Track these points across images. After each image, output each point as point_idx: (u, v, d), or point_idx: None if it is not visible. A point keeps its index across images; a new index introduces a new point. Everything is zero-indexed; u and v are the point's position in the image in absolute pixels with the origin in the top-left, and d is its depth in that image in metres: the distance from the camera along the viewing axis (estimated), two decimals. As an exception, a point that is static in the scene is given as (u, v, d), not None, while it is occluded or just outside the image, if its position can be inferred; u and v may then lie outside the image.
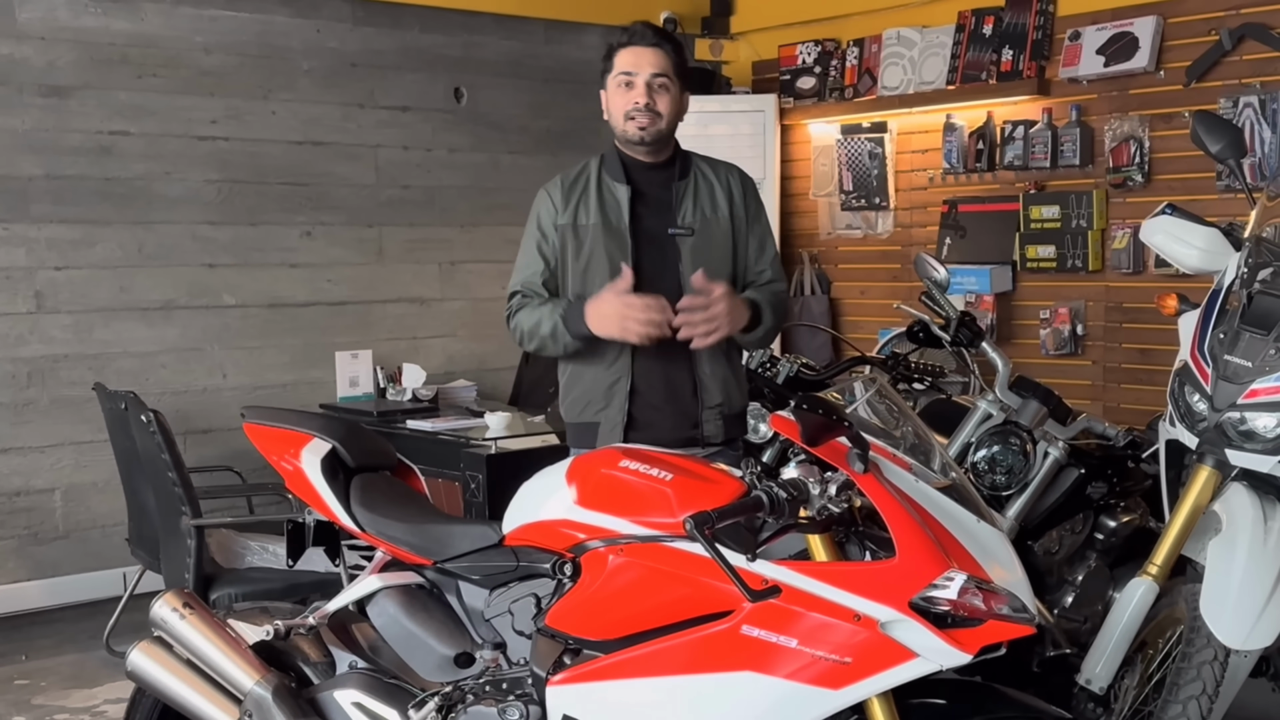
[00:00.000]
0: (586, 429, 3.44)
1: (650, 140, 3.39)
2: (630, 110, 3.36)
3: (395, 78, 6.34)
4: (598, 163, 3.50)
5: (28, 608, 5.41)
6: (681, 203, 3.43)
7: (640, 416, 3.39)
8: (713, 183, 3.48)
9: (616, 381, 3.38)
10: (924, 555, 2.28)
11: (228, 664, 3.01)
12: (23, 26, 5.34)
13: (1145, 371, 5.61)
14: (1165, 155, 5.54)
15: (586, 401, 3.44)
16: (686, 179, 3.46)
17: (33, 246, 5.39)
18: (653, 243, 3.41)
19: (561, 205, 3.45)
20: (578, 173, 3.51)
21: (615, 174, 3.45)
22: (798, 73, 6.97)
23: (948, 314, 4.15)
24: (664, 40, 3.42)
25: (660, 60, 3.38)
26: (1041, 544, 3.88)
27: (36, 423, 5.43)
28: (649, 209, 3.43)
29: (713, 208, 3.45)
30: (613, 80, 3.42)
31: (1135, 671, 3.32)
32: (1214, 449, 3.22)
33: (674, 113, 3.42)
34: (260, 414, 3.37)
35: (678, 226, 3.41)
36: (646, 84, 3.36)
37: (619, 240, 3.39)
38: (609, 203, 3.43)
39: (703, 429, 3.42)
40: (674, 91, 3.40)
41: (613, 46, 3.45)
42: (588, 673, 2.51)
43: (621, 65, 3.39)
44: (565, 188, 3.47)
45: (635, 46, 3.39)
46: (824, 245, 7.00)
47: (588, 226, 3.41)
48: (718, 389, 3.43)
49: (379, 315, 6.35)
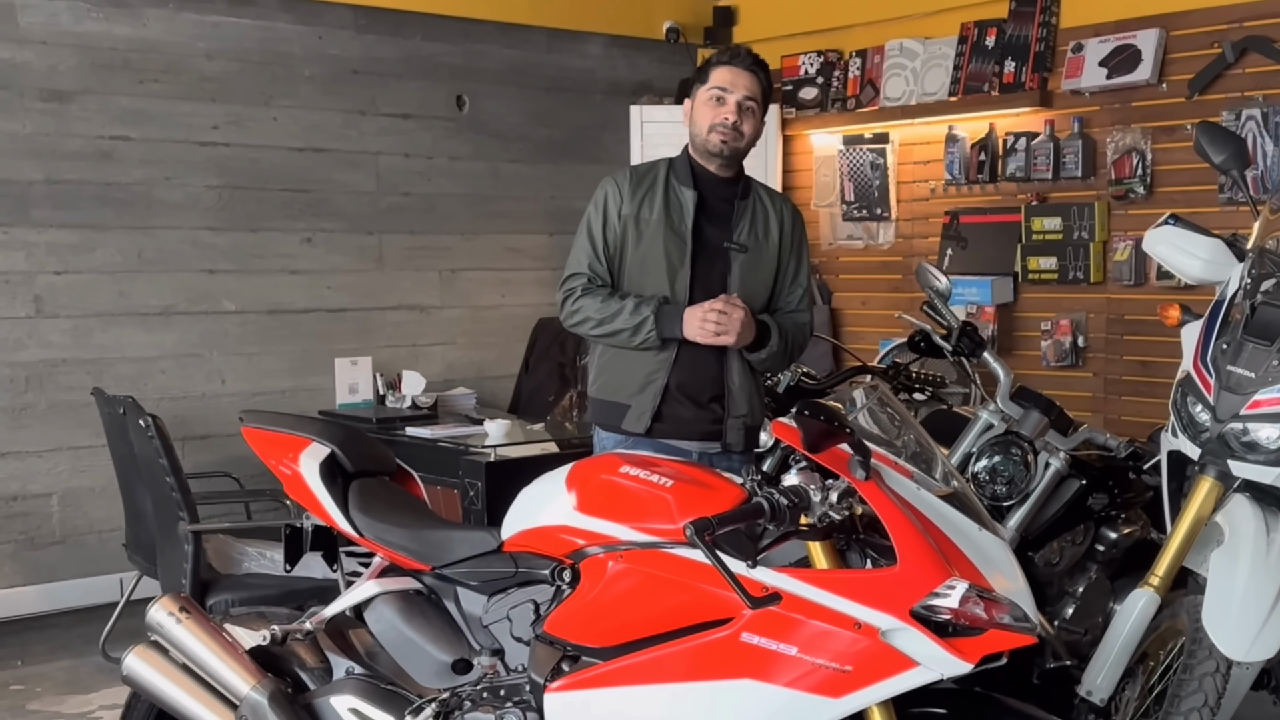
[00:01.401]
0: (615, 409, 3.62)
1: (728, 155, 3.57)
2: (718, 124, 3.53)
3: (397, 85, 6.34)
4: (667, 165, 3.67)
5: (23, 613, 5.40)
6: (740, 221, 3.62)
7: (667, 410, 3.58)
8: (769, 209, 3.67)
9: (654, 373, 3.57)
10: (925, 563, 2.27)
11: (224, 669, 2.99)
12: (25, 31, 5.34)
13: (1146, 384, 5.60)
14: (1167, 167, 5.54)
15: (621, 384, 3.62)
16: (747, 199, 3.65)
17: (32, 251, 5.38)
18: (709, 251, 3.59)
19: (629, 195, 3.61)
20: (647, 169, 3.69)
21: (684, 179, 3.61)
22: (800, 83, 6.97)
23: (949, 323, 4.13)
24: (759, 67, 3.59)
25: (754, 85, 3.56)
26: (1042, 555, 3.86)
27: (34, 427, 5.42)
28: (709, 219, 3.60)
29: (765, 232, 3.64)
30: (704, 92, 3.58)
31: (1136, 683, 3.30)
32: (1216, 460, 3.20)
33: (754, 135, 3.60)
34: (259, 418, 3.35)
35: (733, 242, 3.59)
36: (738, 103, 3.53)
37: (679, 242, 3.57)
38: (674, 204, 3.59)
39: (726, 436, 3.61)
40: (758, 116, 3.60)
41: (710, 62, 3.63)
42: (586, 680, 2.49)
43: (717, 80, 3.56)
44: (634, 181, 3.63)
45: (734, 66, 3.56)
46: (825, 255, 7.00)
47: (650, 221, 3.58)
48: (744, 400, 3.62)
49: (379, 322, 6.34)
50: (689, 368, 3.56)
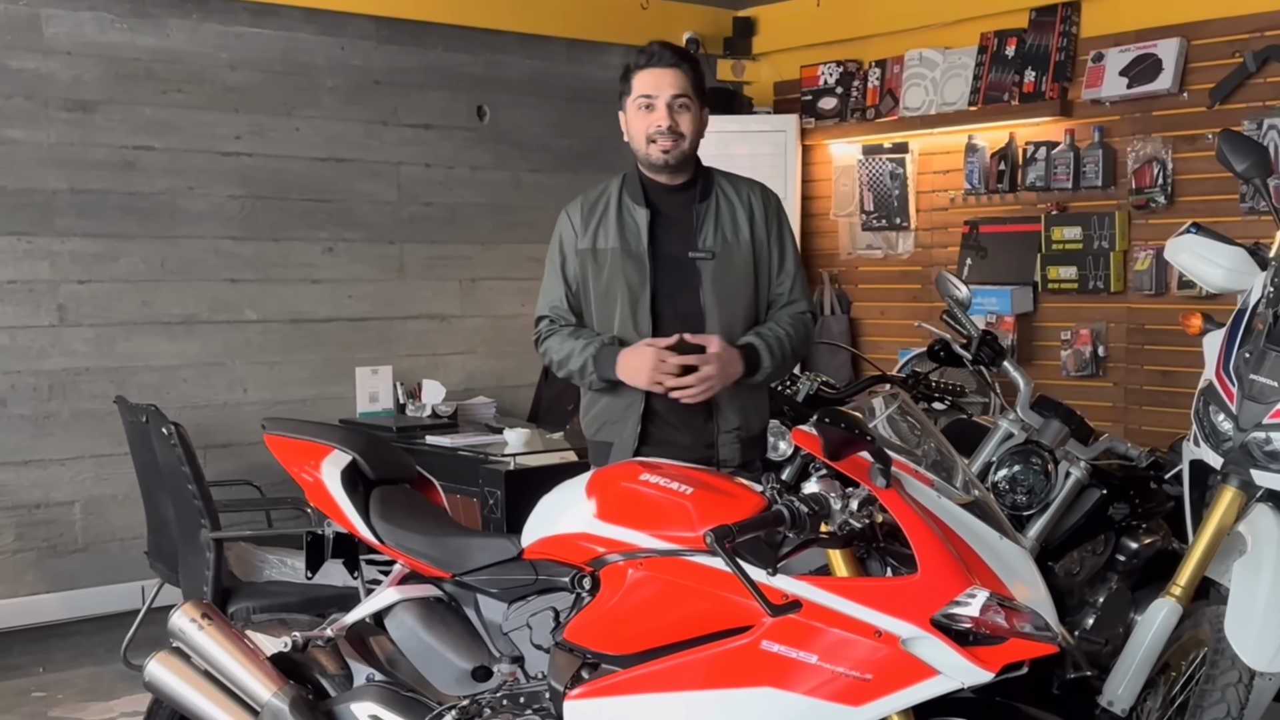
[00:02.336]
0: (601, 448, 3.45)
1: (674, 163, 3.36)
2: (652, 133, 3.32)
3: (418, 95, 6.37)
4: (618, 184, 3.47)
5: (46, 620, 5.41)
6: (703, 226, 3.39)
7: (656, 434, 3.38)
8: (734, 203, 3.43)
9: (632, 404, 3.37)
10: (946, 571, 2.26)
11: (245, 675, 3.01)
12: (49, 41, 5.38)
13: (1167, 393, 5.58)
14: (1188, 177, 5.52)
15: (603, 421, 3.44)
16: (708, 200, 3.42)
17: (56, 260, 5.42)
18: (673, 266, 3.38)
19: (581, 229, 3.43)
20: (598, 195, 3.48)
21: (635, 196, 3.41)
22: (819, 93, 6.97)
23: (969, 333, 4.13)
24: (683, 60, 3.38)
25: (680, 80, 3.34)
26: (1062, 565, 3.85)
27: (57, 435, 5.44)
28: (669, 232, 3.40)
29: (734, 230, 3.41)
30: (632, 103, 3.38)
31: (1158, 694, 3.29)
32: (1239, 469, 3.19)
33: (696, 132, 3.38)
34: (281, 426, 3.38)
35: (698, 250, 3.37)
36: (667, 105, 3.32)
37: (638, 265, 3.37)
38: (629, 226, 3.39)
39: (718, 452, 3.38)
40: (695, 111, 3.37)
41: (630, 68, 3.41)
42: (606, 687, 2.49)
43: (640, 88, 3.36)
44: (585, 211, 3.45)
45: (654, 68, 3.35)
46: (844, 265, 6.99)
47: (606, 251, 3.39)
48: (735, 413, 3.40)
49: (399, 331, 6.36)
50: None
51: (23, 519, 5.38)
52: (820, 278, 7.01)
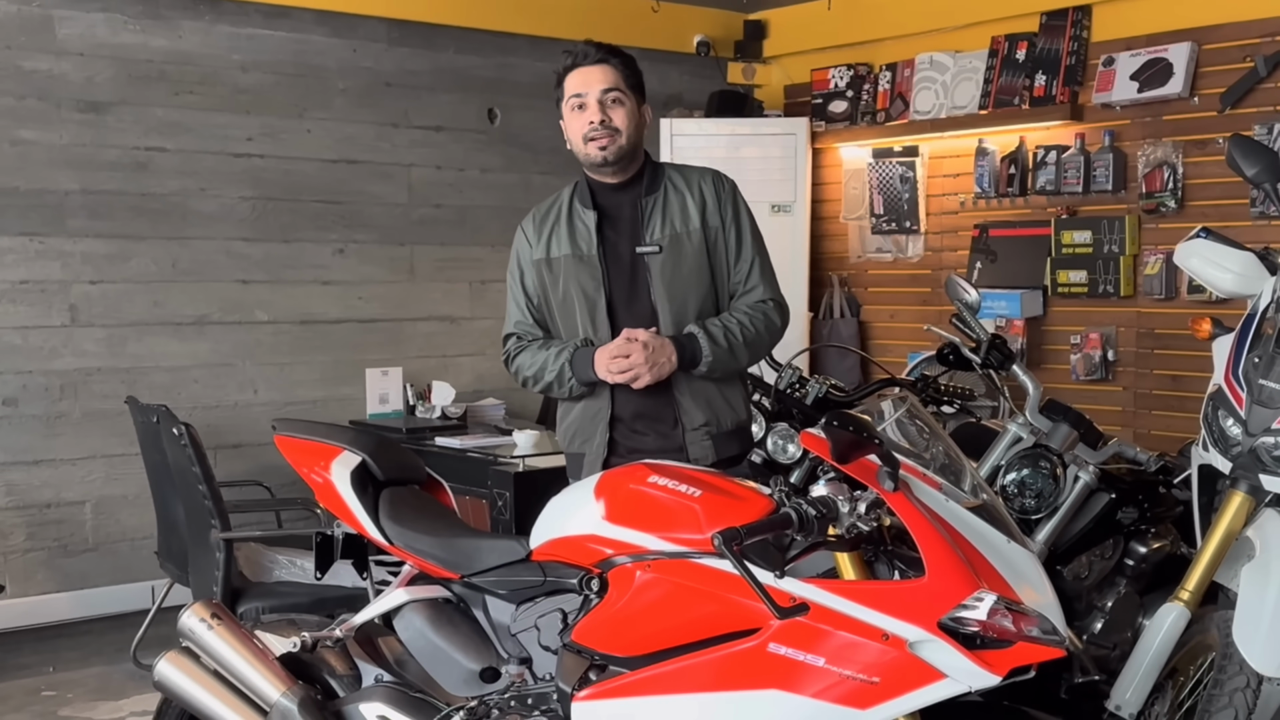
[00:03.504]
0: (574, 459, 3.44)
1: (614, 159, 3.30)
2: (588, 132, 3.29)
3: (429, 98, 6.38)
4: (570, 192, 3.44)
5: (56, 619, 5.44)
6: (650, 220, 3.34)
7: (623, 443, 3.35)
8: (684, 193, 3.37)
9: (599, 412, 3.35)
10: (954, 575, 2.26)
11: (254, 675, 3.01)
12: (62, 43, 5.40)
13: (1176, 398, 5.57)
14: (1199, 181, 5.51)
15: (574, 432, 3.43)
16: (655, 194, 3.36)
17: (68, 260, 5.44)
18: (622, 266, 3.34)
19: (535, 240, 3.42)
20: (550, 204, 3.46)
21: (584, 200, 3.39)
22: (830, 96, 6.98)
23: (978, 336, 4.13)
24: (610, 55, 3.34)
25: (609, 75, 3.31)
26: (1071, 569, 3.85)
27: (68, 435, 5.47)
28: (617, 231, 3.36)
29: (683, 221, 3.34)
30: (566, 106, 3.36)
31: (1166, 699, 3.28)
32: (1248, 474, 3.18)
33: (633, 127, 3.32)
34: (291, 426, 3.38)
35: (645, 245, 3.33)
36: (599, 102, 3.29)
37: (590, 268, 3.34)
38: (579, 230, 3.37)
39: (687, 452, 3.32)
40: (629, 105, 3.32)
41: (560, 73, 3.38)
42: (614, 689, 2.50)
43: (571, 88, 3.33)
44: (537, 222, 3.43)
45: (581, 67, 3.32)
46: (854, 268, 6.99)
47: (560, 259, 3.37)
48: (700, 410, 3.34)
49: (409, 333, 6.38)
50: (632, 395, 3.29)
51: (34, 518, 5.40)
52: (829, 281, 7.01)
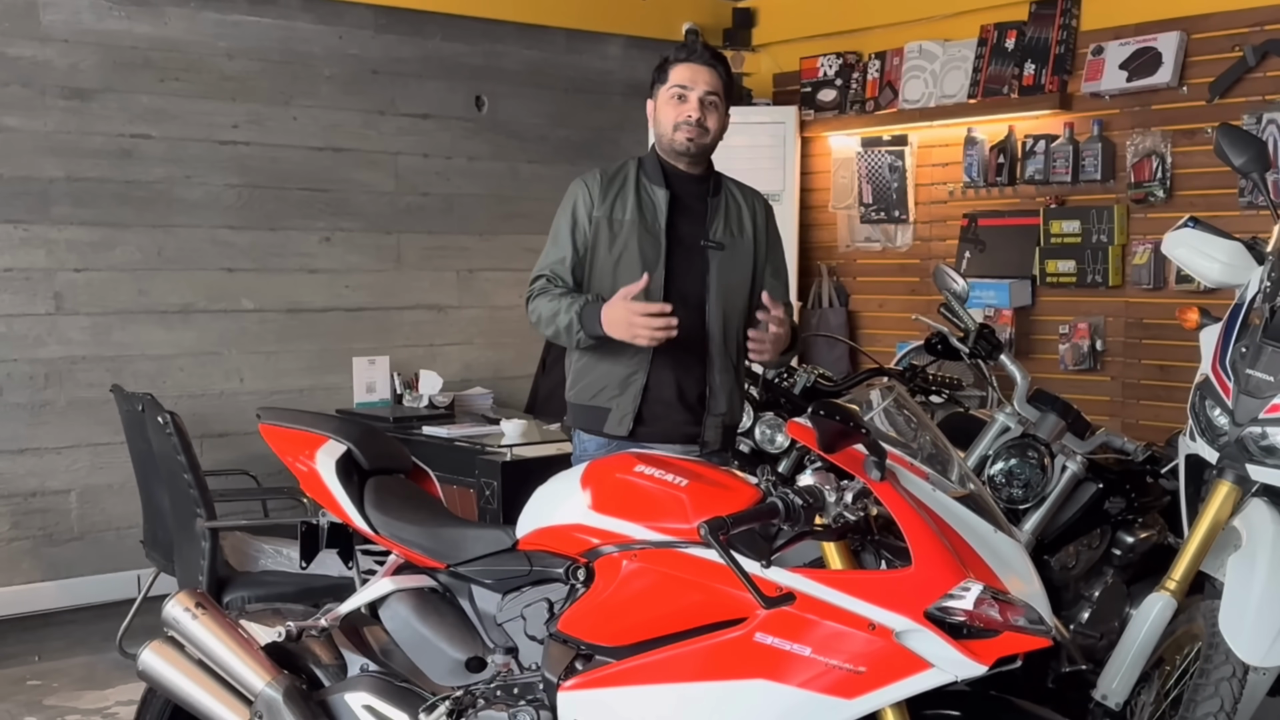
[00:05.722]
0: (596, 413, 3.56)
1: (695, 152, 3.53)
2: (680, 122, 3.49)
3: (416, 85, 6.35)
4: (636, 165, 3.62)
5: (41, 609, 5.42)
6: (714, 218, 3.58)
7: (648, 412, 3.52)
8: (740, 204, 3.64)
9: (633, 374, 3.50)
10: (940, 565, 2.26)
11: (239, 665, 3.00)
12: (46, 29, 5.37)
13: (1164, 388, 5.58)
14: (1187, 171, 5.52)
15: (601, 388, 3.55)
16: (719, 196, 3.61)
17: (53, 248, 5.41)
18: (685, 249, 3.55)
19: (600, 197, 3.56)
20: (617, 169, 3.63)
21: (655, 178, 3.57)
22: (819, 85, 6.96)
23: (967, 326, 4.13)
24: (718, 61, 3.56)
25: (714, 79, 3.52)
26: (1058, 559, 3.85)
27: (53, 424, 5.44)
28: (684, 217, 3.56)
29: (740, 229, 3.61)
30: (665, 91, 3.54)
31: (1152, 688, 3.29)
32: (1234, 464, 3.19)
33: (719, 130, 3.56)
34: (276, 415, 3.37)
35: (709, 239, 3.55)
36: (699, 100, 3.49)
37: (654, 241, 3.52)
38: (646, 203, 3.54)
39: (704, 434, 3.56)
40: (721, 110, 3.55)
41: (668, 59, 3.57)
42: (600, 679, 2.49)
43: (676, 79, 3.52)
44: (604, 182, 3.59)
45: (692, 63, 3.52)
46: (843, 258, 6.99)
47: (623, 222, 3.53)
48: (724, 399, 3.58)
49: (397, 322, 6.36)
50: (670, 367, 3.49)
51: (18, 507, 5.38)
52: (818, 270, 7.01)
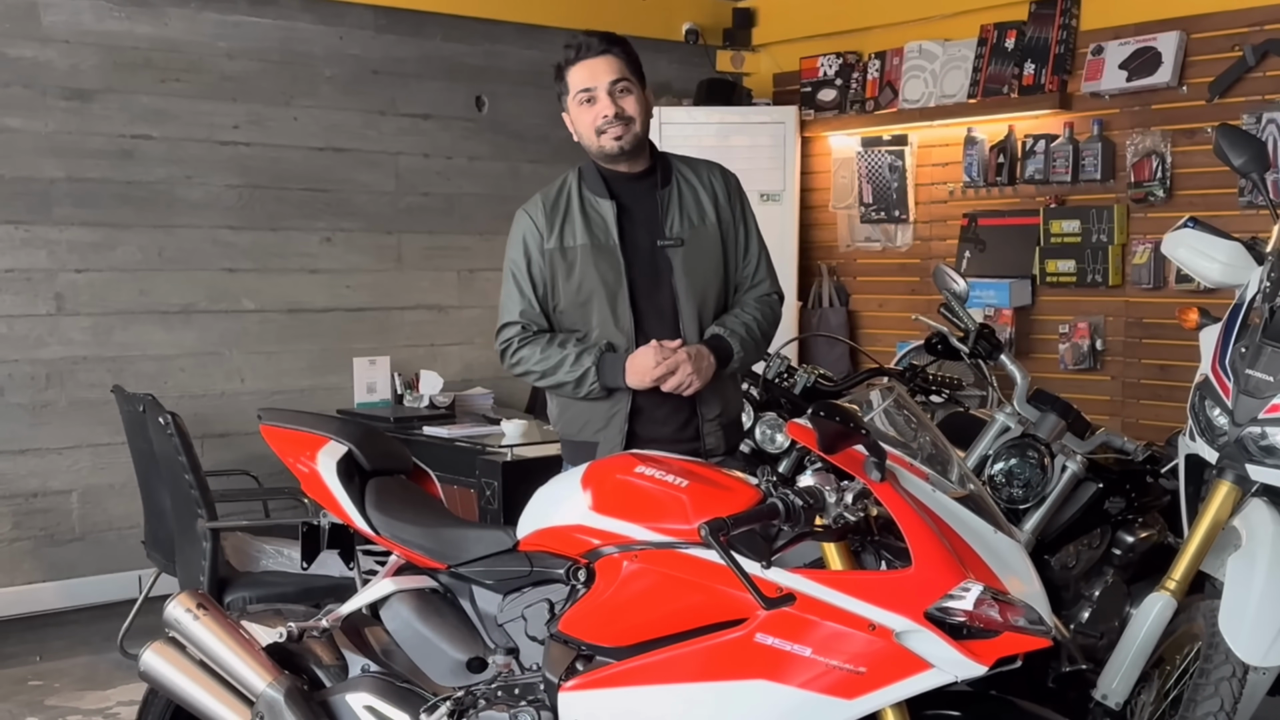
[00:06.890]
0: (584, 448, 3.40)
1: (629, 148, 3.30)
2: (600, 124, 3.27)
3: (416, 86, 6.36)
4: (576, 178, 3.40)
5: (43, 609, 5.43)
6: (668, 213, 3.35)
7: (642, 433, 3.35)
8: (696, 187, 3.40)
9: (615, 406, 3.35)
10: (940, 565, 2.26)
11: (240, 665, 3.00)
12: (47, 30, 5.37)
13: (1164, 387, 5.58)
14: (1187, 170, 5.52)
15: (585, 421, 3.40)
16: (669, 186, 3.38)
17: (54, 249, 5.42)
18: (644, 257, 3.34)
19: (546, 228, 3.36)
20: (556, 191, 3.41)
21: (597, 189, 3.36)
22: (819, 85, 6.97)
23: (966, 326, 4.12)
24: (612, 44, 3.32)
25: (615, 65, 3.29)
26: (1058, 559, 3.85)
27: (54, 424, 5.45)
28: (635, 223, 3.35)
29: (699, 215, 3.38)
30: (573, 100, 3.32)
31: (1152, 687, 3.29)
32: (1234, 464, 3.19)
33: (643, 113, 3.32)
34: (277, 416, 3.37)
35: (666, 238, 3.34)
36: (609, 93, 3.27)
37: (610, 258, 3.32)
38: (595, 220, 3.34)
39: (704, 441, 3.38)
40: (637, 92, 3.31)
41: (562, 66, 3.34)
42: (600, 679, 2.49)
43: (578, 83, 3.30)
44: (547, 210, 3.37)
45: (586, 59, 3.29)
46: (843, 258, 6.99)
47: (575, 248, 3.33)
48: (715, 401, 3.40)
49: (397, 322, 6.36)
50: (653, 389, 3.29)
51: (20, 508, 5.39)
52: (818, 270, 7.01)
